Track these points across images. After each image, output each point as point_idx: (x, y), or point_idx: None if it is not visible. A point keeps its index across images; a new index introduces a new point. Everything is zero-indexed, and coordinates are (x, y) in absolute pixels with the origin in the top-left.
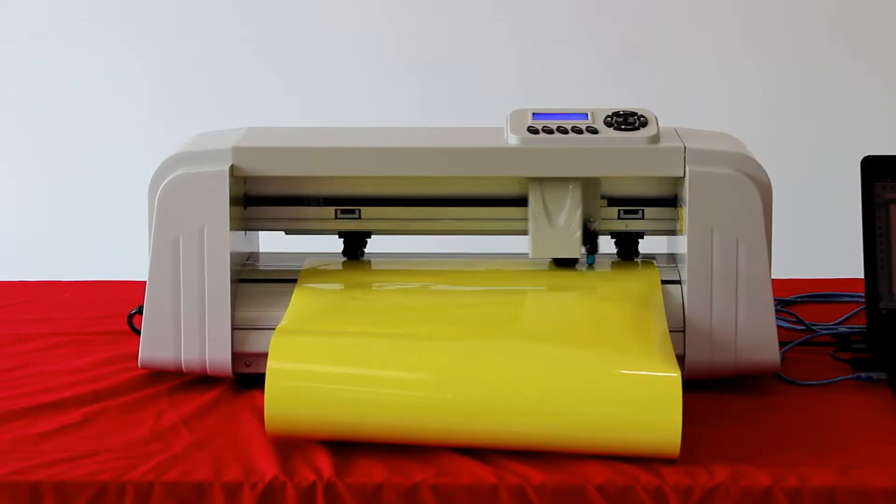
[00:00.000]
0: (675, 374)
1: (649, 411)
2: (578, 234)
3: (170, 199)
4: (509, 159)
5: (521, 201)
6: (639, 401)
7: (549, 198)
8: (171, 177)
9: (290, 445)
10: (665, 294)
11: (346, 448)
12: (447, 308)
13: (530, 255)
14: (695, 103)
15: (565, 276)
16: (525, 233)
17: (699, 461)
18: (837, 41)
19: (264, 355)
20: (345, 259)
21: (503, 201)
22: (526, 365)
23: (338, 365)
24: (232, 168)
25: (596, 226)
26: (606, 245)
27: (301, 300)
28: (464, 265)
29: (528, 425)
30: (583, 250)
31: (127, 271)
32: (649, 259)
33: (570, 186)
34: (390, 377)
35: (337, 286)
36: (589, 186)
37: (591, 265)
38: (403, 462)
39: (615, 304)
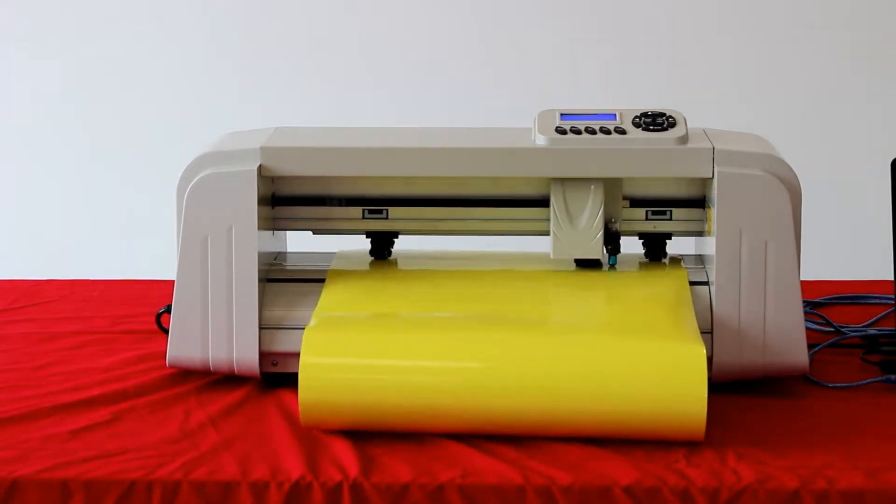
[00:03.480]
0: (701, 348)
1: (675, 386)
2: (600, 234)
3: (198, 199)
4: (537, 160)
5: (547, 202)
6: (664, 375)
7: (571, 198)
8: (199, 176)
9: (317, 445)
10: (693, 295)
11: (372, 448)
12: (479, 302)
13: (552, 256)
14: (723, 104)
15: (593, 275)
16: (549, 233)
17: (726, 462)
18: (867, 40)
19: (292, 355)
20: (372, 259)
21: (529, 202)
22: (554, 348)
23: (370, 357)
24: (260, 168)
25: (618, 227)
26: (634, 246)
27: (328, 303)
28: (492, 262)
29: (557, 402)
30: (605, 251)
31: (156, 271)
32: (677, 260)
33: (593, 187)
34: (423, 366)
35: (366, 283)
36: (611, 187)
37: (612, 266)
38: (430, 462)
39: (644, 302)
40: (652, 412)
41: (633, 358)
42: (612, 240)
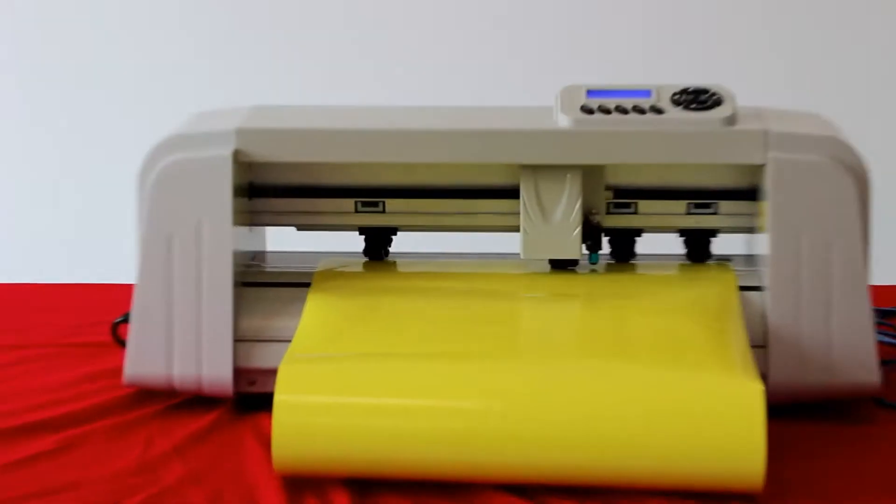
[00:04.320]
0: (758, 386)
1: (727, 430)
2: (578, 230)
3: (163, 189)
4: (560, 144)
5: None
6: (715, 417)
7: (545, 188)
8: (164, 163)
9: (301, 480)
10: (743, 303)
11: (366, 485)
12: (487, 321)
13: (522, 255)
14: (778, 77)
15: (624, 280)
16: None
17: (785, 500)
18: None
19: (271, 372)
20: (366, 259)
21: (505, 192)
22: (580, 382)
23: (357, 394)
24: (236, 153)
25: (599, 219)
26: (669, 244)
27: (315, 311)
28: (506, 267)
29: (585, 452)
30: (584, 249)
31: (112, 273)
32: (724, 261)
33: (568, 175)
34: (421, 406)
35: (357, 293)
36: (591, 173)
37: (594, 264)
38: (433, 499)
39: (684, 314)
40: (697, 468)
41: (672, 396)
42: (591, 235)
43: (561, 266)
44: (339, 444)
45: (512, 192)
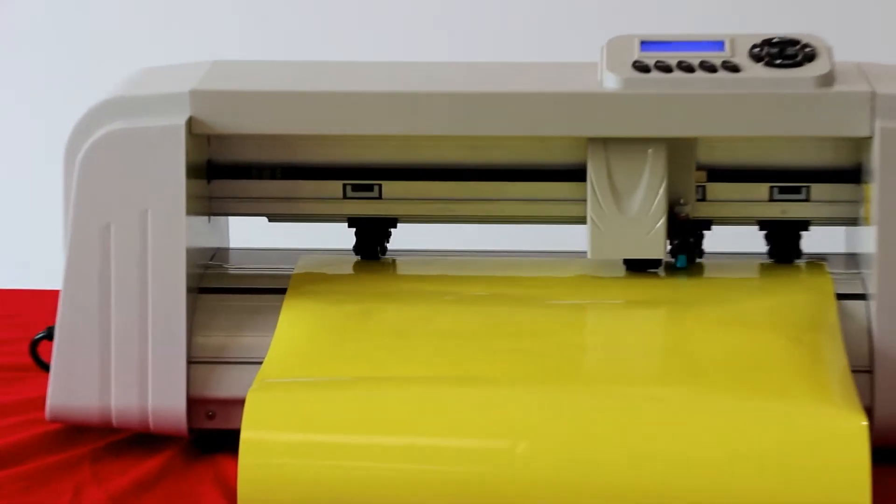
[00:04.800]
0: (861, 420)
1: (822, 475)
2: (662, 222)
3: (96, 168)
4: (607, 111)
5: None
6: (807, 459)
7: (618, 168)
8: (98, 134)
9: None
10: (843, 315)
11: None
12: (516, 335)
13: (589, 255)
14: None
15: (681, 286)
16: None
17: None
18: None
19: (236, 402)
20: (358, 259)
21: (568, 173)
22: (637, 414)
23: (344, 431)
24: (190, 122)
25: (688, 210)
26: (749, 240)
27: (292, 324)
28: (532, 268)
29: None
30: (668, 248)
31: (31, 277)
32: (818, 261)
33: (651, 151)
34: (425, 446)
35: (345, 300)
36: (679, 150)
37: (681, 269)
38: None
39: (768, 329)
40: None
41: (751, 432)
42: (680, 231)
43: (639, 268)
44: (321, 493)
45: (539, 174)
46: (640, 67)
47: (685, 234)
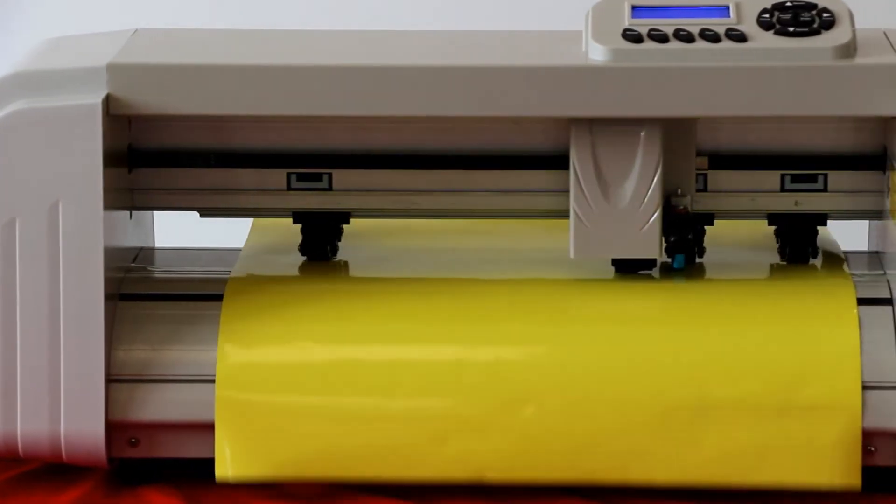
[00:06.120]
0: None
1: (813, 326)
2: (657, 216)
3: None
4: (592, 87)
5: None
6: (799, 316)
7: (605, 155)
8: (1, 115)
9: None
10: (864, 322)
11: None
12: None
13: (572, 253)
14: None
15: (678, 292)
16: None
17: None
18: None
19: (162, 427)
20: (304, 260)
21: (548, 160)
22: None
23: (314, 392)
24: (107, 100)
25: (687, 203)
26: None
27: (236, 334)
28: (503, 267)
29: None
30: (663, 246)
31: None
32: (837, 260)
33: (644, 133)
34: (403, 359)
35: (292, 309)
36: (676, 133)
37: (680, 271)
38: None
39: (771, 342)
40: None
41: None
42: (677, 226)
43: (630, 269)
44: (297, 448)
45: (515, 161)
46: (632, 37)
47: (683, 230)
